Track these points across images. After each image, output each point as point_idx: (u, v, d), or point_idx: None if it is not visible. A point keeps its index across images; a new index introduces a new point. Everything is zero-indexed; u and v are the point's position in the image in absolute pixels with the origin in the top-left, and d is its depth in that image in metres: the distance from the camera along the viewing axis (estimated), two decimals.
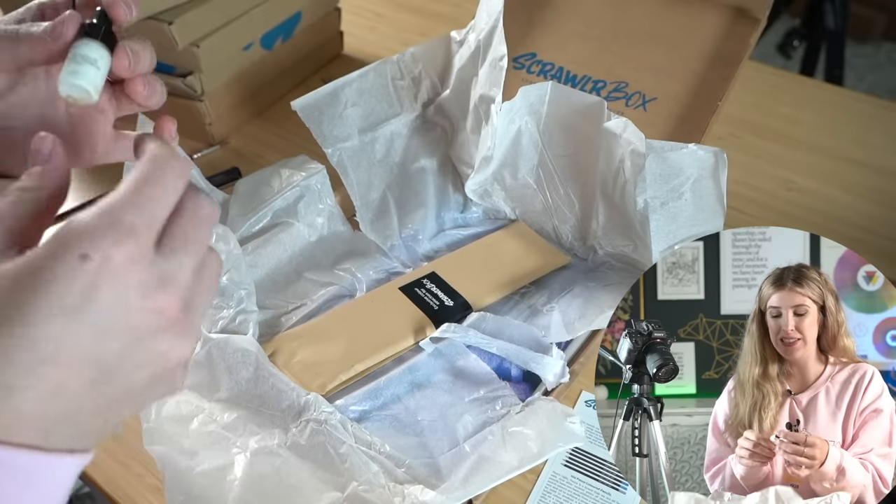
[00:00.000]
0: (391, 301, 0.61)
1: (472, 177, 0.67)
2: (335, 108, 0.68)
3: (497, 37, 0.64)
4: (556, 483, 0.54)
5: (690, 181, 0.58)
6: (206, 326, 0.56)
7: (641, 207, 0.59)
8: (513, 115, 0.64)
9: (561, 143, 0.65)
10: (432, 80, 0.72)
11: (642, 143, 0.57)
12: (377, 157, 0.70)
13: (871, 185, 0.80)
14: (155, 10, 0.73)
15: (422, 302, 0.61)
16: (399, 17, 1.07)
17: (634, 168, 0.58)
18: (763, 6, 0.69)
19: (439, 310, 0.60)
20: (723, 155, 0.57)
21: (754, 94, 0.90)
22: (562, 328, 0.59)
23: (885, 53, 2.35)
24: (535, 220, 0.69)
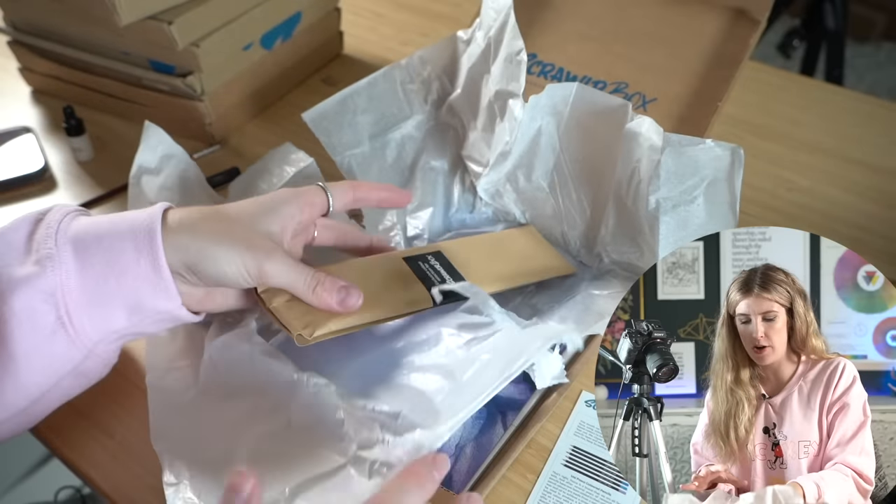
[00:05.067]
0: (393, 268, 0.59)
1: (485, 174, 0.67)
2: (345, 116, 0.68)
3: (510, 32, 0.64)
4: (556, 483, 0.54)
5: (705, 183, 0.58)
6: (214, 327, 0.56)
7: (653, 208, 0.59)
8: (535, 112, 0.63)
9: (579, 146, 0.64)
10: (442, 82, 0.72)
11: (660, 137, 0.58)
12: (388, 162, 0.70)
13: (872, 185, 0.80)
14: (155, 10, 0.73)
15: (423, 276, 0.59)
16: (399, 17, 1.07)
17: (650, 164, 0.58)
18: (763, 7, 0.69)
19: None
20: (739, 151, 0.58)
21: (754, 95, 0.90)
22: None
23: (885, 53, 2.35)
24: (545, 225, 0.69)
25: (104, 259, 0.46)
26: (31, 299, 0.45)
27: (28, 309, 0.45)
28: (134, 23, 0.73)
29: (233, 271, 0.47)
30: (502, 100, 0.64)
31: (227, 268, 0.47)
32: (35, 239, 0.47)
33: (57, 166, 0.81)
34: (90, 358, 0.48)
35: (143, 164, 0.66)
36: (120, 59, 0.80)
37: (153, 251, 0.46)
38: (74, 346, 0.47)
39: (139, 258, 0.46)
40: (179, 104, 0.80)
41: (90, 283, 0.46)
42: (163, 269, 0.46)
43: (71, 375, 0.48)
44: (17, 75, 0.90)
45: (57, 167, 0.81)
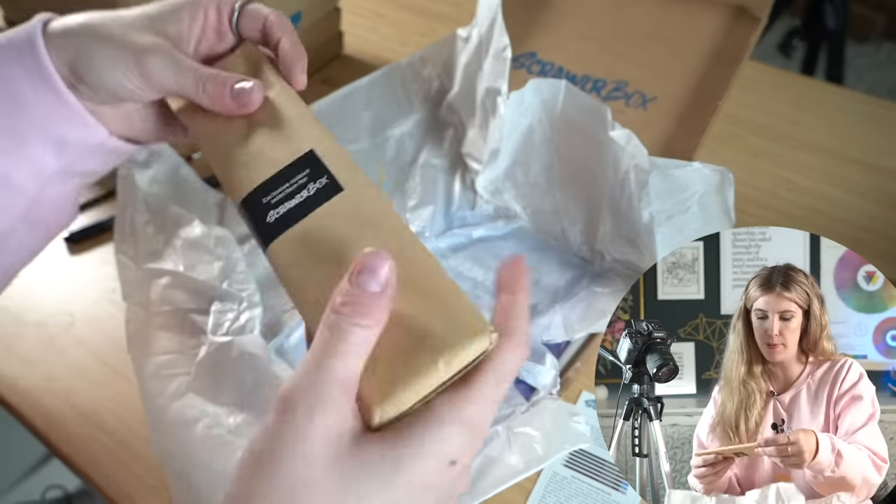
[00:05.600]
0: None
1: (482, 172, 0.67)
2: (345, 112, 0.69)
3: (497, 28, 0.64)
4: (557, 483, 0.54)
5: (697, 196, 0.58)
6: (212, 329, 0.56)
7: (647, 220, 0.59)
8: (524, 108, 0.63)
9: (573, 144, 0.64)
10: (441, 80, 0.73)
11: (645, 160, 0.57)
12: (388, 158, 0.70)
13: (872, 185, 0.80)
14: None
15: (303, 207, 0.40)
16: (399, 17, 1.06)
17: (638, 183, 0.58)
18: (763, 5, 0.69)
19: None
20: (728, 175, 0.57)
21: (754, 94, 0.90)
22: (561, 329, 0.59)
23: (885, 53, 2.35)
24: (545, 221, 0.69)
25: (1, 94, 0.42)
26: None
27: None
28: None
29: (113, 72, 0.42)
30: (492, 97, 0.64)
31: (105, 68, 0.42)
32: None
33: None
34: (39, 204, 0.45)
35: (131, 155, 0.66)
36: None
37: (46, 77, 0.41)
38: (9, 194, 0.43)
39: (35, 88, 0.42)
40: None
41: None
42: (65, 95, 0.42)
43: (23, 225, 0.45)
44: None
45: None
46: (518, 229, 0.70)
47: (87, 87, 0.43)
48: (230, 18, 0.45)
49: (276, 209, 0.38)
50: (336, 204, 0.38)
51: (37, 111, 0.42)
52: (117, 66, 0.42)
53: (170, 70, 0.42)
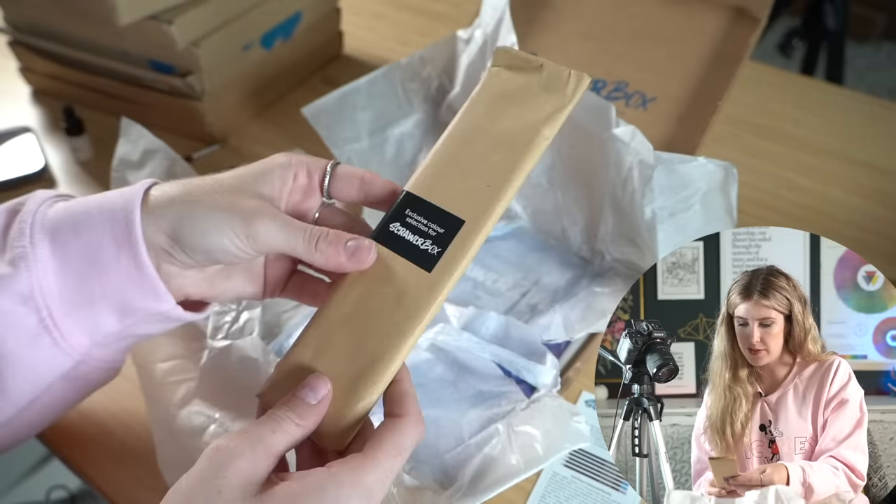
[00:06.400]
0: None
1: None
2: (344, 112, 0.69)
3: (505, 27, 0.64)
4: (557, 483, 0.54)
5: (700, 193, 0.58)
6: (211, 333, 0.56)
7: (649, 217, 0.58)
8: None
9: (574, 143, 0.64)
10: (441, 81, 0.73)
11: (650, 155, 0.57)
12: (387, 158, 0.70)
13: (872, 185, 0.80)
14: (155, 10, 0.73)
15: (407, 247, 0.43)
16: (399, 17, 1.07)
17: (642, 178, 0.58)
18: (763, 6, 0.69)
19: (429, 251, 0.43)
20: (733, 170, 0.57)
21: (754, 94, 0.90)
22: (561, 328, 0.59)
23: (885, 53, 2.35)
24: (545, 221, 0.69)
25: (82, 255, 0.42)
26: (8, 301, 0.41)
27: (6, 312, 0.41)
28: (134, 23, 0.73)
29: (220, 236, 0.42)
30: None
31: (212, 233, 0.42)
32: (10, 234, 0.43)
33: (57, 166, 0.81)
34: (86, 363, 0.45)
35: (124, 156, 0.66)
36: (120, 59, 0.80)
37: (132, 246, 0.42)
38: (62, 351, 0.43)
39: (119, 255, 0.42)
40: (179, 104, 0.80)
41: (71, 282, 0.42)
42: (145, 267, 0.42)
43: (63, 381, 0.45)
44: (17, 75, 0.90)
45: (57, 167, 0.81)
46: (518, 229, 0.70)
47: (183, 252, 0.43)
48: (321, 182, 0.46)
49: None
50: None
51: (113, 277, 0.43)
52: (223, 231, 0.42)
53: (280, 231, 0.43)
